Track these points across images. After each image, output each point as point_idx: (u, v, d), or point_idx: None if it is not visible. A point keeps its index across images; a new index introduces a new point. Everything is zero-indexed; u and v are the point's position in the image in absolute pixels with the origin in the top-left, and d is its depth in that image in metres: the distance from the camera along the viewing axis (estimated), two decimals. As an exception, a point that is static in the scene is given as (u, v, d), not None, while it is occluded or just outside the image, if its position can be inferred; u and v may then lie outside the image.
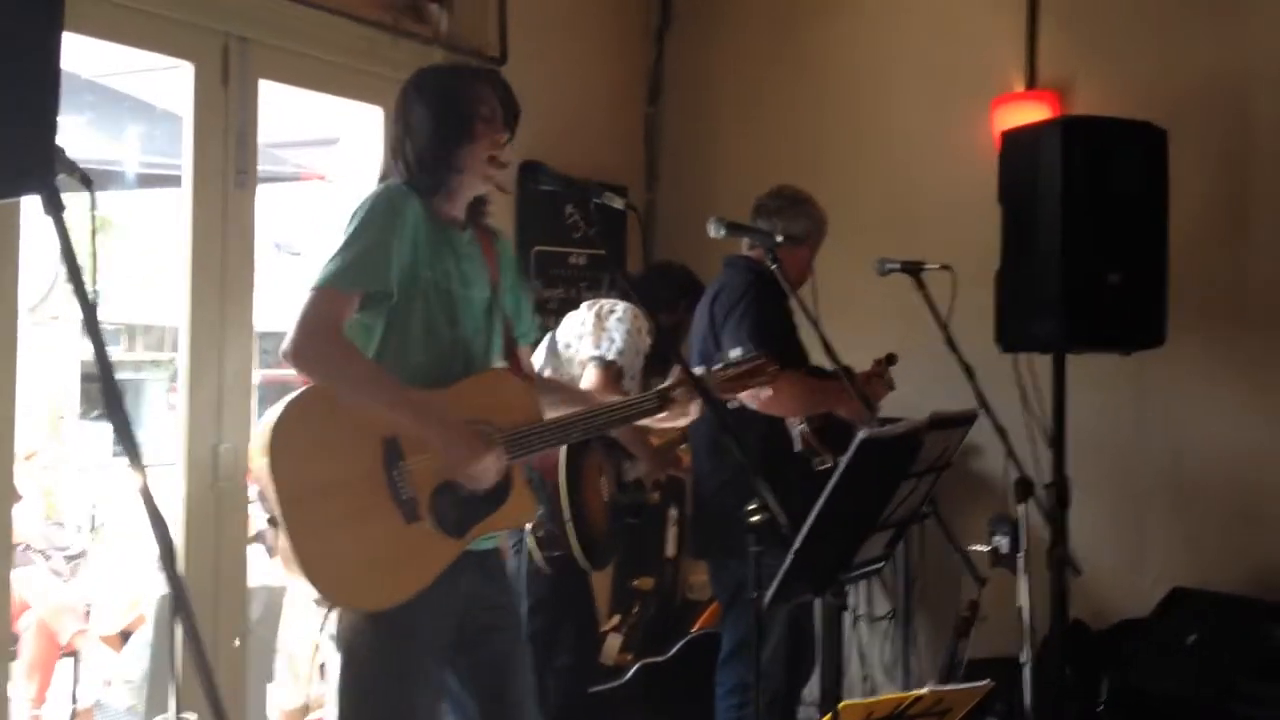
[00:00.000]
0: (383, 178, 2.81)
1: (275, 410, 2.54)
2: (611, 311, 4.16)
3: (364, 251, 2.60)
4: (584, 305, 4.29)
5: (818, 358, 3.72)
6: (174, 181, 4.32)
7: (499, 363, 2.89)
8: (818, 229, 4.16)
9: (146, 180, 6.42)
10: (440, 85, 2.79)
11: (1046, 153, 3.92)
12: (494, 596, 2.84)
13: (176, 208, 4.15)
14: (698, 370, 2.90)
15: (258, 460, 2.52)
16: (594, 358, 4.02)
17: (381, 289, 2.62)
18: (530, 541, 3.74)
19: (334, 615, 2.66)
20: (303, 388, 2.58)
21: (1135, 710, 4.02)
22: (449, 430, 2.59)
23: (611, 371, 3.97)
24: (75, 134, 6.08)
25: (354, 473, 2.54)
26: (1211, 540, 4.58)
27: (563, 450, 3.60)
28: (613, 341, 4.06)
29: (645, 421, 3.00)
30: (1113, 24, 4.87)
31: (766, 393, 2.95)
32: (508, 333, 2.92)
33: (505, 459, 2.64)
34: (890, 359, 4.12)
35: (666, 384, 2.88)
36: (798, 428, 3.91)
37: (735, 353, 2.94)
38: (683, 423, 2.98)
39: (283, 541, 2.47)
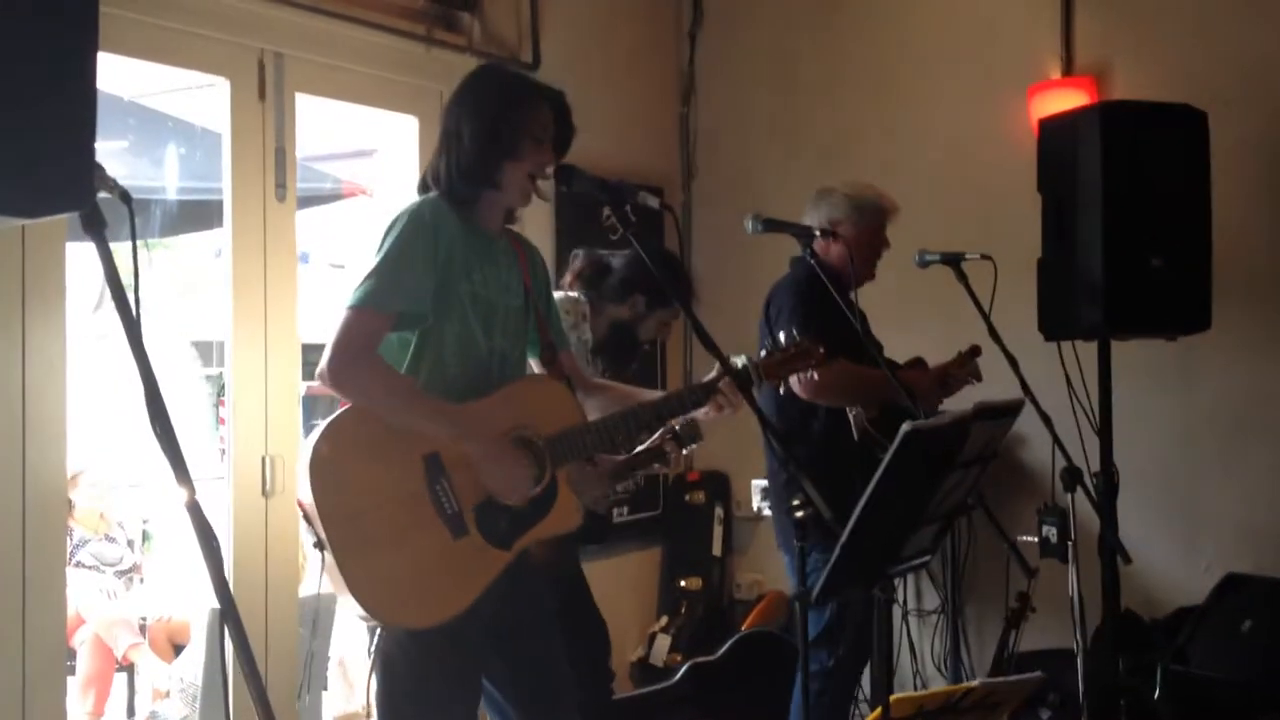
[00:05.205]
0: (422, 181, 2.82)
1: (314, 433, 2.56)
2: None
3: (398, 272, 2.60)
4: None
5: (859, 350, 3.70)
6: (215, 205, 4.36)
7: (537, 369, 2.89)
8: (857, 216, 4.11)
9: (188, 206, 6.46)
10: (495, 97, 2.75)
11: (1085, 139, 3.89)
12: (524, 596, 2.82)
13: (219, 223, 4.20)
14: (739, 360, 2.86)
15: (301, 485, 2.54)
16: None
17: (415, 309, 2.62)
18: None
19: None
20: (341, 408, 2.60)
21: (1191, 698, 3.98)
22: (486, 446, 2.60)
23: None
24: (116, 158, 6.13)
25: (397, 491, 2.55)
26: (1265, 525, 4.52)
27: None
28: None
29: (698, 414, 2.92)
30: (1148, 6, 4.83)
31: (811, 377, 2.91)
32: (546, 337, 2.92)
33: (532, 474, 2.65)
34: (974, 351, 4.09)
35: (710, 377, 2.85)
36: (851, 414, 3.89)
37: (782, 337, 2.92)
38: (726, 413, 2.92)
39: (330, 564, 2.50)
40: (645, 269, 3.71)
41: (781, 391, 3.42)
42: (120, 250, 1.87)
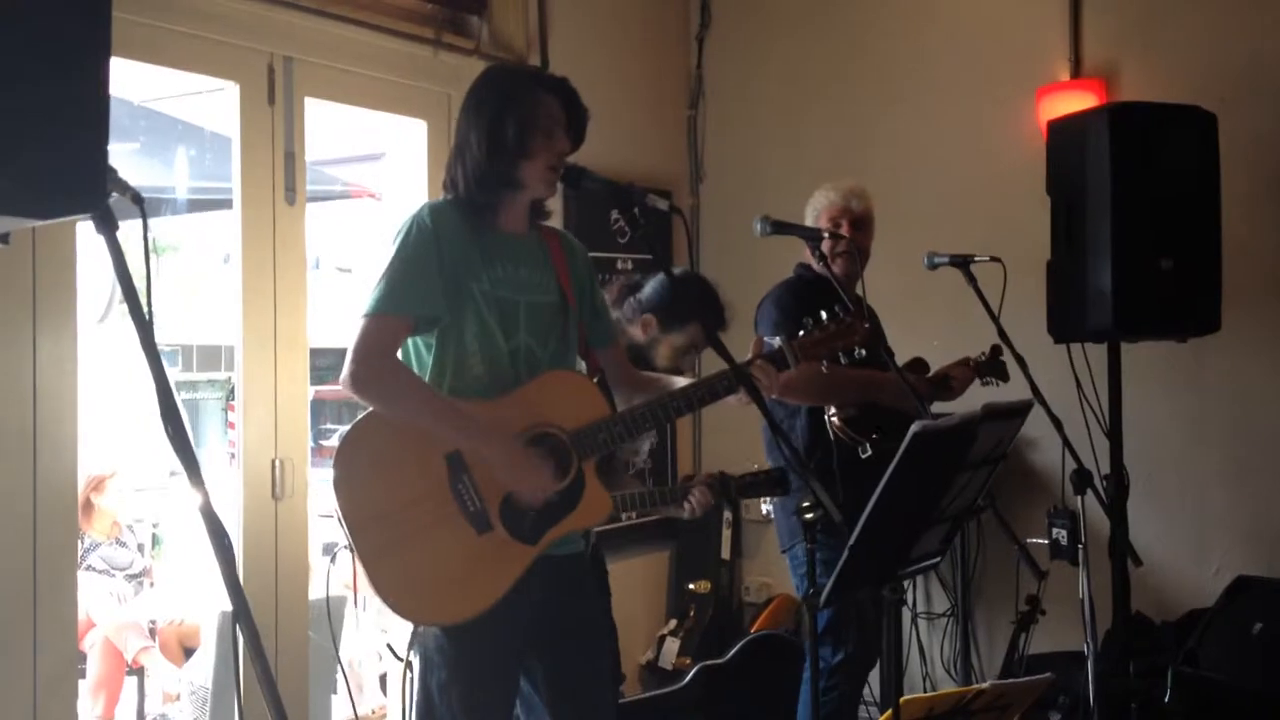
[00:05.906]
0: (443, 188, 2.81)
1: (339, 439, 2.60)
2: None
3: (407, 276, 2.63)
4: None
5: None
6: (225, 204, 4.38)
7: (579, 365, 2.88)
8: (819, 211, 4.08)
9: (198, 205, 6.50)
10: (497, 99, 2.73)
11: (1094, 141, 3.89)
12: (572, 602, 2.81)
13: (228, 228, 4.21)
14: (775, 342, 2.81)
15: (327, 490, 2.57)
16: None
17: (429, 312, 2.64)
18: None
19: (396, 625, 2.68)
20: (363, 413, 2.62)
21: (1201, 701, 3.97)
22: (501, 450, 2.61)
23: None
24: (127, 160, 6.17)
25: (420, 491, 2.57)
26: (1275, 527, 4.51)
27: None
28: None
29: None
30: (1157, 7, 4.83)
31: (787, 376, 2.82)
32: (580, 332, 2.90)
33: (553, 477, 2.64)
34: (996, 351, 4.04)
35: (744, 360, 2.80)
36: (827, 415, 3.88)
37: (824, 314, 2.83)
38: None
39: (358, 566, 2.52)
40: (668, 291, 3.71)
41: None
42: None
